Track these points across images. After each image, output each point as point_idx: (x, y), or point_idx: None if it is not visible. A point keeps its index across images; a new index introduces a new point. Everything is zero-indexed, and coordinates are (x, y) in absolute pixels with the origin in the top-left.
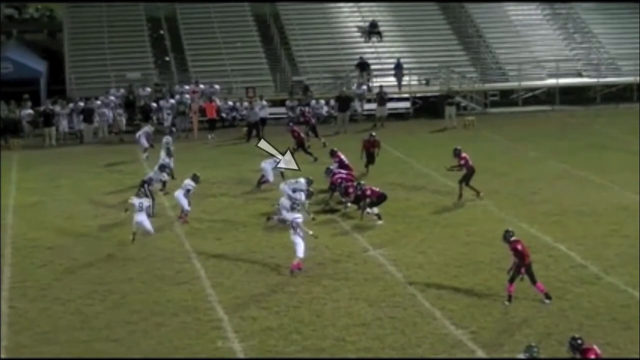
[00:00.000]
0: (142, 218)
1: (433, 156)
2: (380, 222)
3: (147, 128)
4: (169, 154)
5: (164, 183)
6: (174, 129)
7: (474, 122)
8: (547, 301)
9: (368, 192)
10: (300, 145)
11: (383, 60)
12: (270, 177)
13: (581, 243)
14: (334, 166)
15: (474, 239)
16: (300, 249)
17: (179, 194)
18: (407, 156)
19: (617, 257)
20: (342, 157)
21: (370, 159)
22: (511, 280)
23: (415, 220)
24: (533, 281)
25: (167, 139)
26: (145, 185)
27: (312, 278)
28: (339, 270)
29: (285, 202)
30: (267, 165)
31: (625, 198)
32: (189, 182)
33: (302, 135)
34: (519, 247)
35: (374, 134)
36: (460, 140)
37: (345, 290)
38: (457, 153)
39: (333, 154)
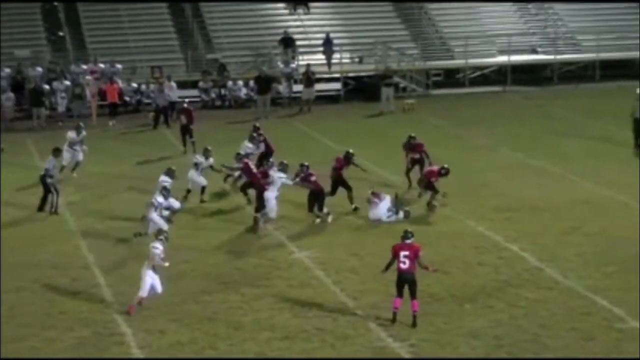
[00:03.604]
0: None
1: (369, 145)
2: (330, 217)
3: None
4: None
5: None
6: (80, 123)
7: (415, 105)
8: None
9: (312, 179)
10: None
11: (310, 35)
12: (203, 182)
13: (536, 242)
14: (251, 148)
15: (415, 239)
16: (145, 288)
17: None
18: (339, 145)
19: (577, 257)
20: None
21: (419, 164)
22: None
23: (347, 218)
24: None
25: (72, 134)
26: (47, 180)
27: (229, 285)
28: (260, 276)
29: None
30: (193, 173)
31: (586, 191)
32: (164, 179)
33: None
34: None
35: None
36: (399, 126)
37: (267, 299)
38: (412, 143)
39: (256, 130)
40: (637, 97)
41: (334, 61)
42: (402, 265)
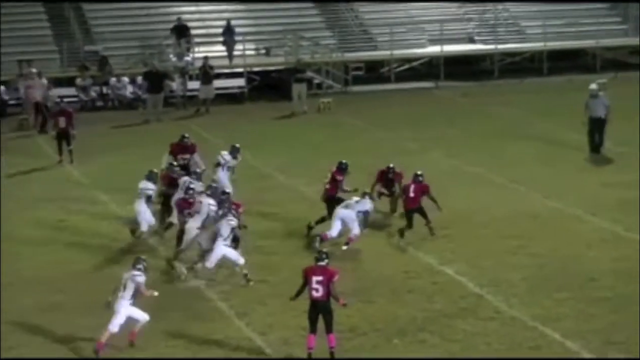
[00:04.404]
0: None
1: (279, 152)
2: (251, 282)
3: None
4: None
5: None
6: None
7: (332, 104)
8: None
9: (240, 209)
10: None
11: (208, 23)
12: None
13: (475, 265)
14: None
15: (332, 263)
16: (116, 322)
17: (140, 205)
18: (243, 151)
19: (523, 282)
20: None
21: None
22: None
23: (254, 237)
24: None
25: None
26: None
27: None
28: (154, 307)
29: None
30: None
31: (533, 202)
32: (145, 185)
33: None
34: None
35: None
36: (314, 128)
37: (158, 335)
38: (390, 177)
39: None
40: (591, 93)
41: (236, 53)
42: (314, 293)
